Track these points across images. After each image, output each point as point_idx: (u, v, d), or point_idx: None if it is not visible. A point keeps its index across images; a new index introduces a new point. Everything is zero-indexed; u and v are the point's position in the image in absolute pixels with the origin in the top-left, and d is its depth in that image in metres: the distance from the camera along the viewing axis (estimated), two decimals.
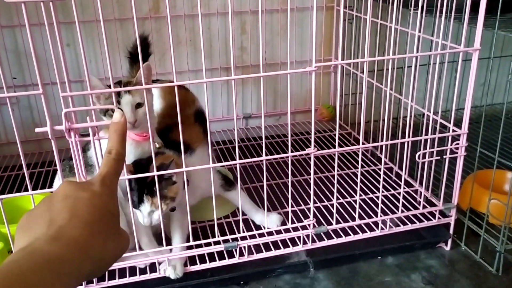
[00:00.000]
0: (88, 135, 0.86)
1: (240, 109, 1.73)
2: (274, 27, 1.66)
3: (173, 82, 0.91)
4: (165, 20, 1.56)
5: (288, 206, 1.15)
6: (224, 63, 1.66)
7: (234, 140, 1.66)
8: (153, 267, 1.06)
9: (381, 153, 1.49)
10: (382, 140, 1.15)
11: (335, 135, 1.71)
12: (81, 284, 1.00)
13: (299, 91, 1.75)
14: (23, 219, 0.42)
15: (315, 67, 0.95)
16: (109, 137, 0.49)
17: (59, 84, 0.81)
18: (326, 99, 1.83)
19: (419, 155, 1.12)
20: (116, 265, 1.03)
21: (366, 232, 1.17)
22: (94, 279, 1.03)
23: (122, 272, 1.05)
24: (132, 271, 1.06)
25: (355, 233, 1.16)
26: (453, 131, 1.11)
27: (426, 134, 1.14)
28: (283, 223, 1.19)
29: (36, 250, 0.37)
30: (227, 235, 1.12)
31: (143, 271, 1.06)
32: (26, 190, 1.33)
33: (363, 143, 1.20)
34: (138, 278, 1.05)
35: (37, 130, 0.82)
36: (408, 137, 1.14)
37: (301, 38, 1.69)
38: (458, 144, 1.11)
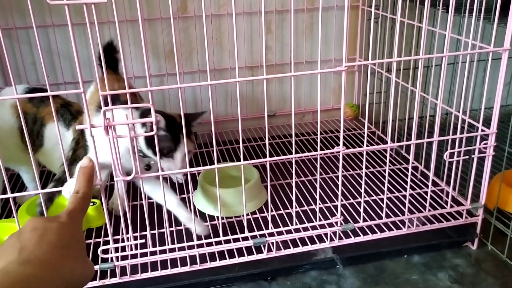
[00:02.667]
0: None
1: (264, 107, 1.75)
2: (299, 26, 1.68)
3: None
4: (193, 19, 1.58)
5: (316, 204, 1.17)
6: (249, 62, 1.68)
7: (260, 138, 1.70)
8: (183, 261, 1.09)
9: (407, 152, 1.50)
10: (407, 139, 1.16)
11: (359, 133, 1.73)
12: None
13: (322, 90, 1.76)
14: None
15: (345, 66, 0.97)
16: (77, 179, 0.55)
17: (99, 82, 0.84)
18: (349, 97, 1.84)
19: (447, 155, 1.13)
20: (147, 259, 1.06)
21: (393, 230, 1.18)
22: (127, 271, 1.06)
23: (154, 265, 1.08)
24: (164, 264, 1.09)
25: (382, 231, 1.17)
26: (482, 130, 1.11)
27: (453, 133, 1.15)
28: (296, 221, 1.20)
29: (10, 272, 0.39)
30: (254, 231, 1.14)
31: (174, 264, 1.09)
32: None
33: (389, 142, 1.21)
34: (169, 271, 1.08)
35: (77, 127, 0.86)
36: (435, 136, 1.14)
37: (325, 37, 1.70)
38: (486, 143, 1.11)
